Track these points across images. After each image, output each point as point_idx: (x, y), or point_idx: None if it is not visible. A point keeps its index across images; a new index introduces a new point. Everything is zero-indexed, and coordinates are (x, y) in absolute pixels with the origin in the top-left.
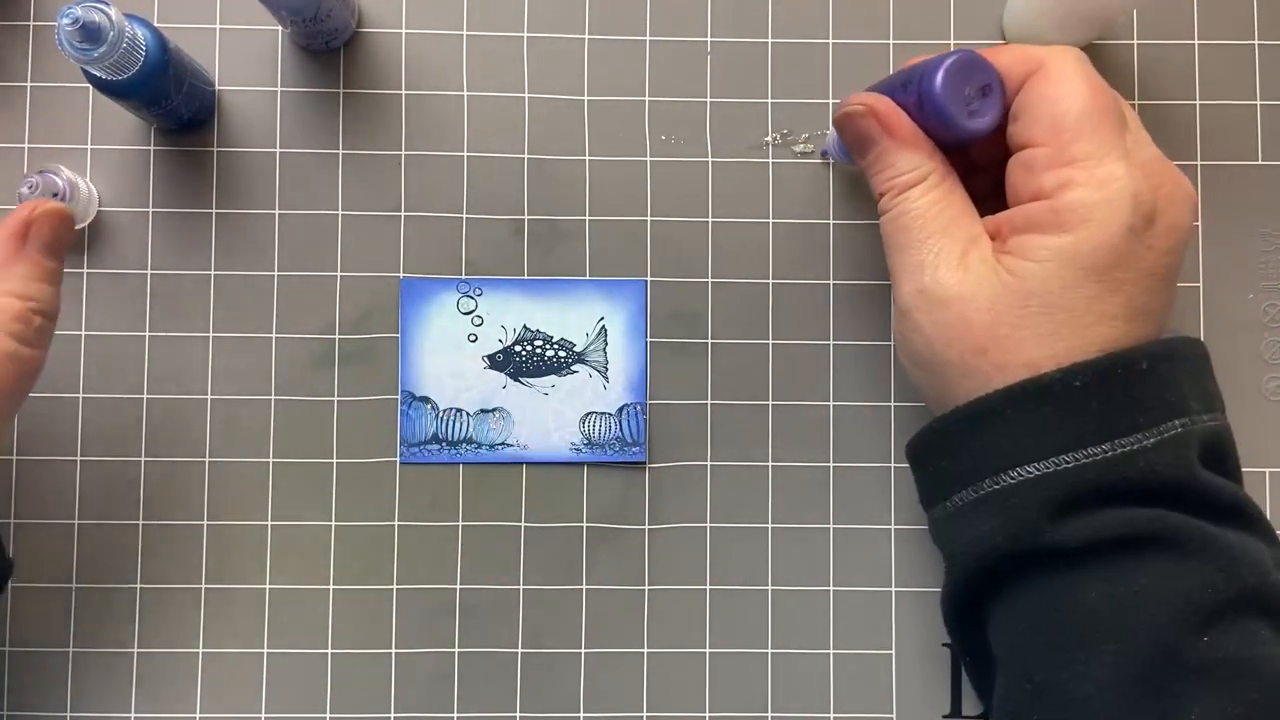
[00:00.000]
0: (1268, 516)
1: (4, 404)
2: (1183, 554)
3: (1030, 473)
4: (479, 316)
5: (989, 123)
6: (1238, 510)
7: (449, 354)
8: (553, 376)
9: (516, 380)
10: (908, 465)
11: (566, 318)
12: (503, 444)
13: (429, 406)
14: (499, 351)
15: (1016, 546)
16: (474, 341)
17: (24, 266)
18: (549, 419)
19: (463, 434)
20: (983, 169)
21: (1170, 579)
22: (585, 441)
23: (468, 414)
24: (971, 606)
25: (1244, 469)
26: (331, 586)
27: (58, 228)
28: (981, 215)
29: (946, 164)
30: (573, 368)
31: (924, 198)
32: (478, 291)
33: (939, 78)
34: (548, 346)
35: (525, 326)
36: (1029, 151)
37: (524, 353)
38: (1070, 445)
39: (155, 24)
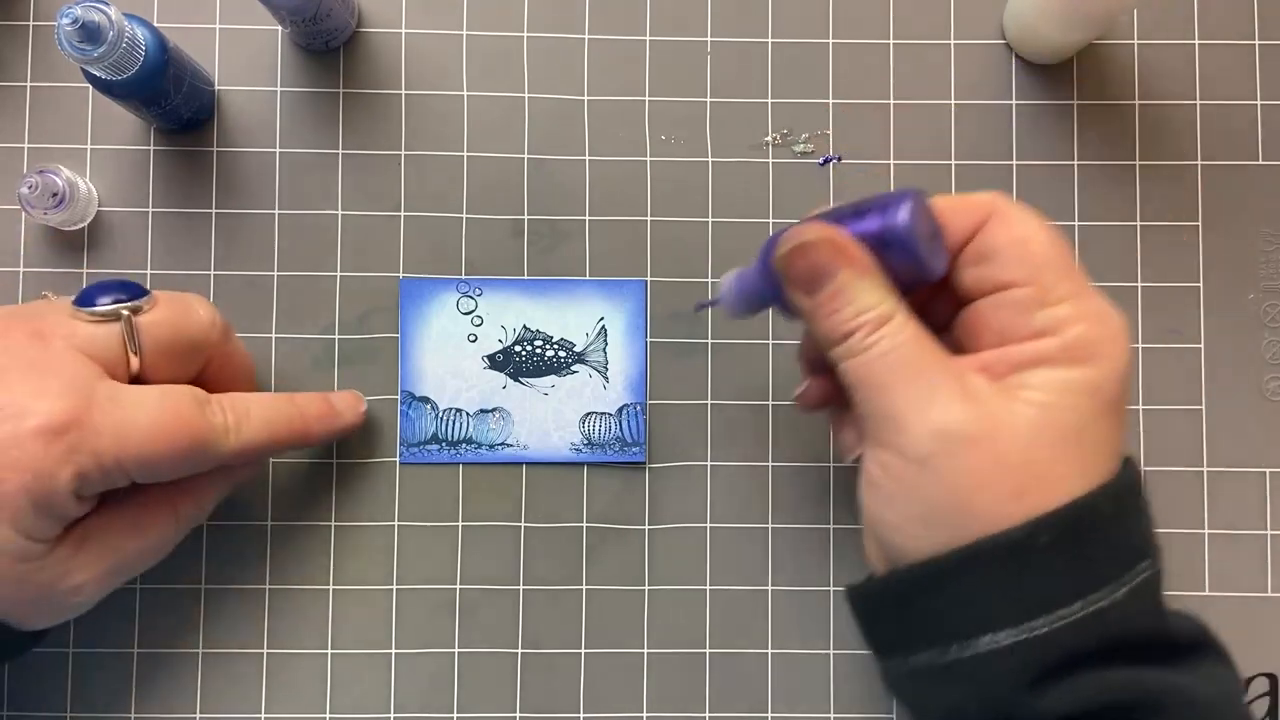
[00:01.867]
0: (1266, 517)
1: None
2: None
3: (1001, 641)
4: (479, 316)
5: (944, 266)
6: (1204, 644)
7: (449, 354)
8: (552, 376)
9: (516, 380)
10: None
11: (566, 318)
12: (503, 444)
13: (429, 406)
14: (499, 351)
15: (995, 717)
16: (474, 341)
17: (220, 489)
18: (549, 419)
19: (462, 434)
20: (921, 308)
21: None
22: (585, 441)
23: (467, 414)
24: None
25: (1244, 469)
26: (331, 586)
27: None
28: None
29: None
30: (573, 368)
31: (903, 332)
32: (478, 291)
33: (906, 214)
34: (548, 346)
35: (525, 326)
36: (1011, 292)
37: (524, 353)
38: (1040, 608)
39: (155, 24)
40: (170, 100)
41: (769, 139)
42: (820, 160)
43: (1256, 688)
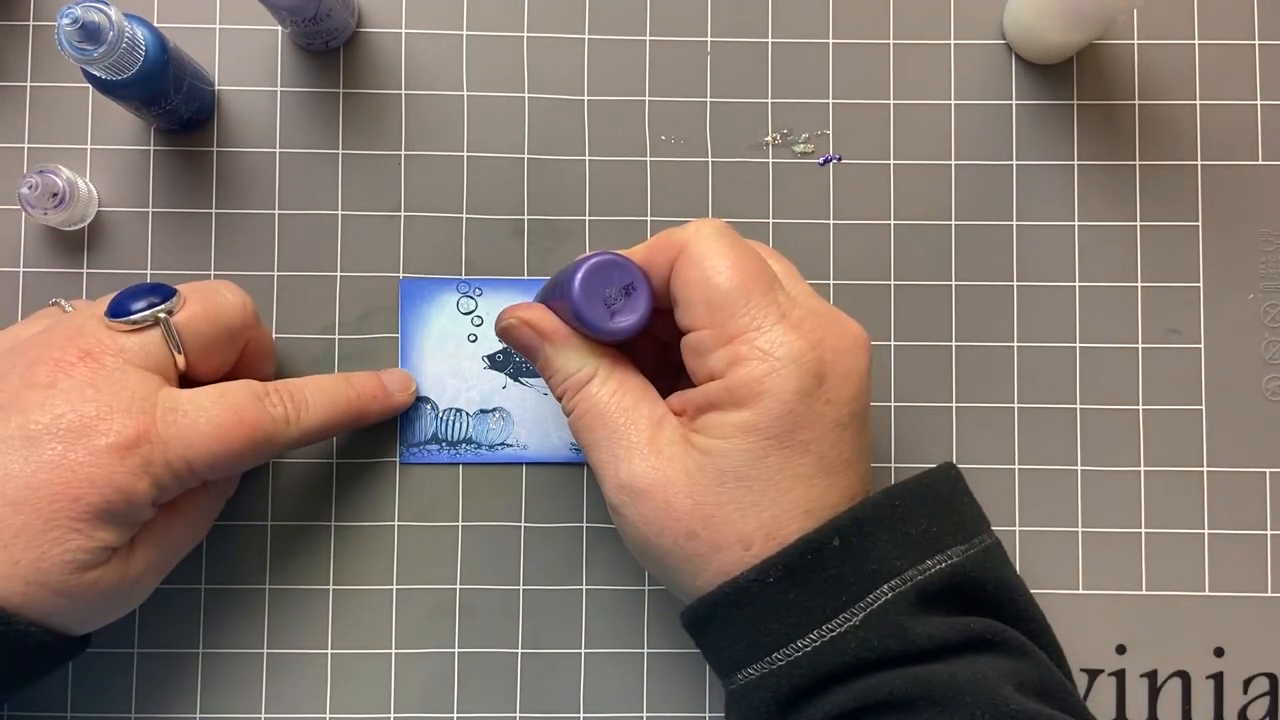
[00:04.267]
0: (1266, 517)
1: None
2: (915, 713)
3: (750, 675)
4: (479, 316)
5: (633, 323)
6: (969, 642)
7: (449, 354)
8: None
9: (516, 380)
10: (903, 467)
11: None
12: (502, 444)
13: (429, 406)
14: (499, 351)
15: None
16: (474, 341)
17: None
18: (549, 419)
19: (462, 434)
20: (671, 342)
21: None
22: None
23: (467, 414)
24: None
25: (1244, 469)
26: (331, 586)
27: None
28: (685, 382)
29: (615, 354)
30: None
31: (600, 390)
32: (478, 291)
33: (575, 286)
34: None
35: None
36: (694, 335)
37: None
38: (779, 642)
39: (155, 24)
40: (170, 100)
41: (769, 139)
42: (820, 160)
43: (1257, 688)
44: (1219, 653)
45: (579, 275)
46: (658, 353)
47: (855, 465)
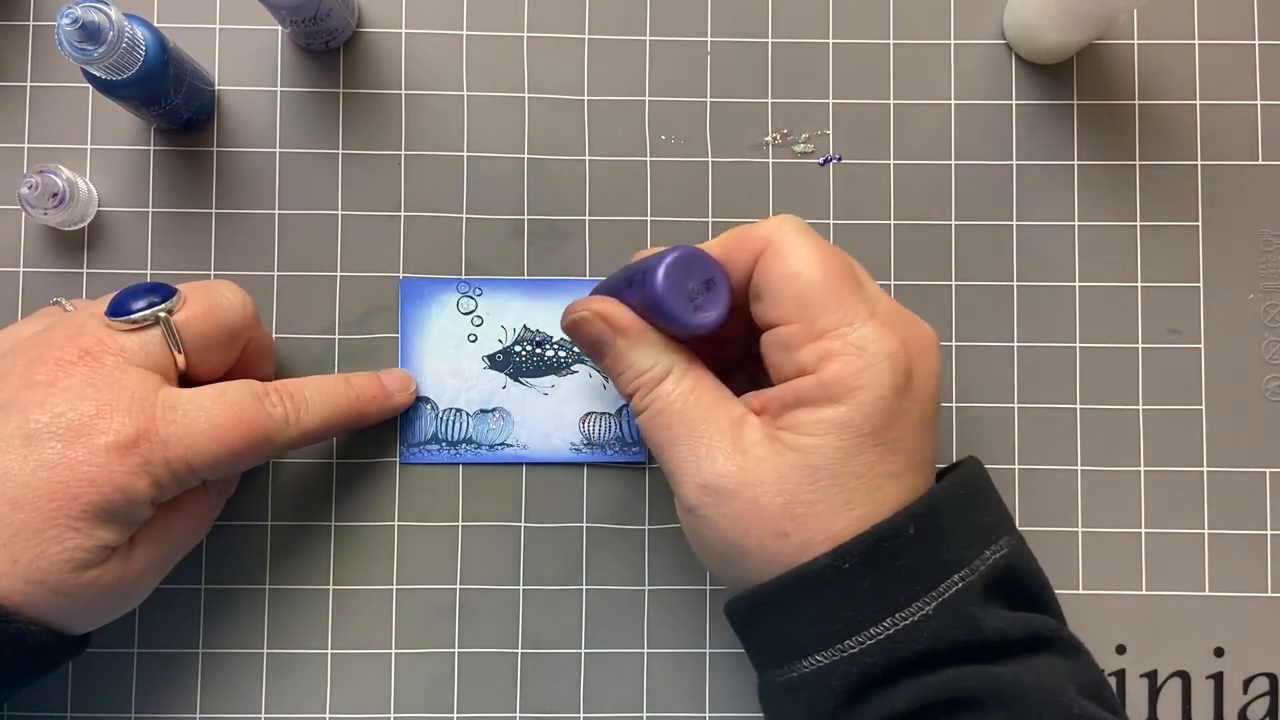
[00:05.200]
0: (1266, 517)
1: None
2: (983, 713)
3: (819, 661)
4: (479, 316)
5: (716, 317)
6: (1032, 640)
7: (449, 354)
8: (552, 376)
9: (516, 380)
10: None
11: None
12: (502, 444)
13: (429, 406)
14: (499, 351)
15: None
16: (474, 341)
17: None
18: (549, 419)
19: (462, 434)
20: (730, 341)
21: None
22: (585, 441)
23: (467, 414)
24: None
25: (1244, 469)
26: (331, 586)
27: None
28: (737, 382)
29: (688, 351)
30: (572, 368)
31: (676, 389)
32: (478, 291)
33: (659, 278)
34: (548, 346)
35: (525, 326)
36: (781, 330)
37: (524, 353)
38: (852, 629)
39: (155, 24)
40: (170, 100)
41: (769, 139)
42: (820, 160)
43: (1257, 688)
44: (1219, 653)
45: (663, 266)
46: (712, 351)
47: (931, 464)
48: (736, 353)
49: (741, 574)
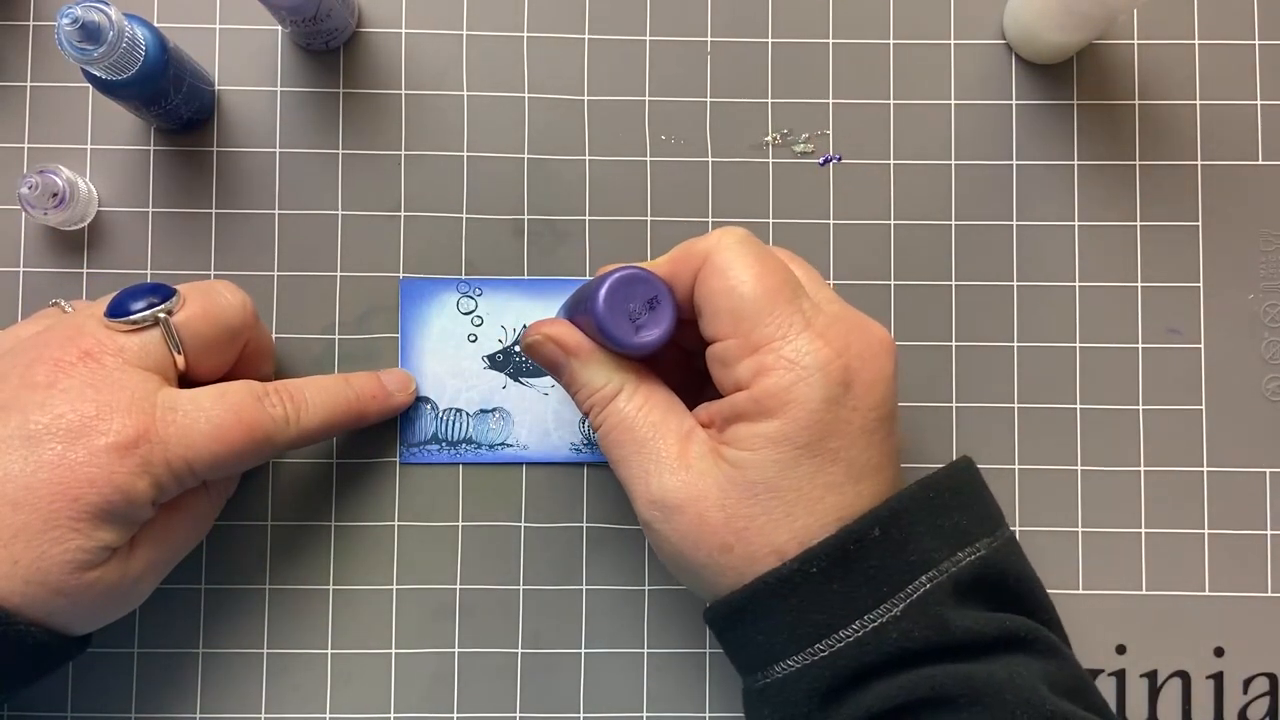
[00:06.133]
0: (1266, 517)
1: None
2: (955, 711)
3: (790, 666)
4: (479, 316)
5: (659, 336)
6: (1005, 640)
7: (449, 354)
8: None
9: (516, 380)
10: (903, 467)
11: None
12: (502, 444)
13: (429, 406)
14: (499, 352)
15: None
16: (474, 341)
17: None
18: (549, 419)
19: (462, 434)
20: (698, 351)
21: None
22: (585, 441)
23: (467, 414)
24: None
25: (1244, 469)
26: (331, 586)
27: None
28: (710, 392)
29: (640, 368)
30: None
31: (627, 405)
32: (478, 291)
33: (600, 302)
34: None
35: (525, 326)
36: (719, 345)
37: (524, 353)
38: (821, 632)
39: (155, 24)
40: (170, 100)
41: (769, 139)
42: (820, 160)
43: (1257, 688)
44: (1219, 653)
45: (603, 291)
46: (684, 362)
47: (884, 469)
48: (683, 367)
49: (699, 583)
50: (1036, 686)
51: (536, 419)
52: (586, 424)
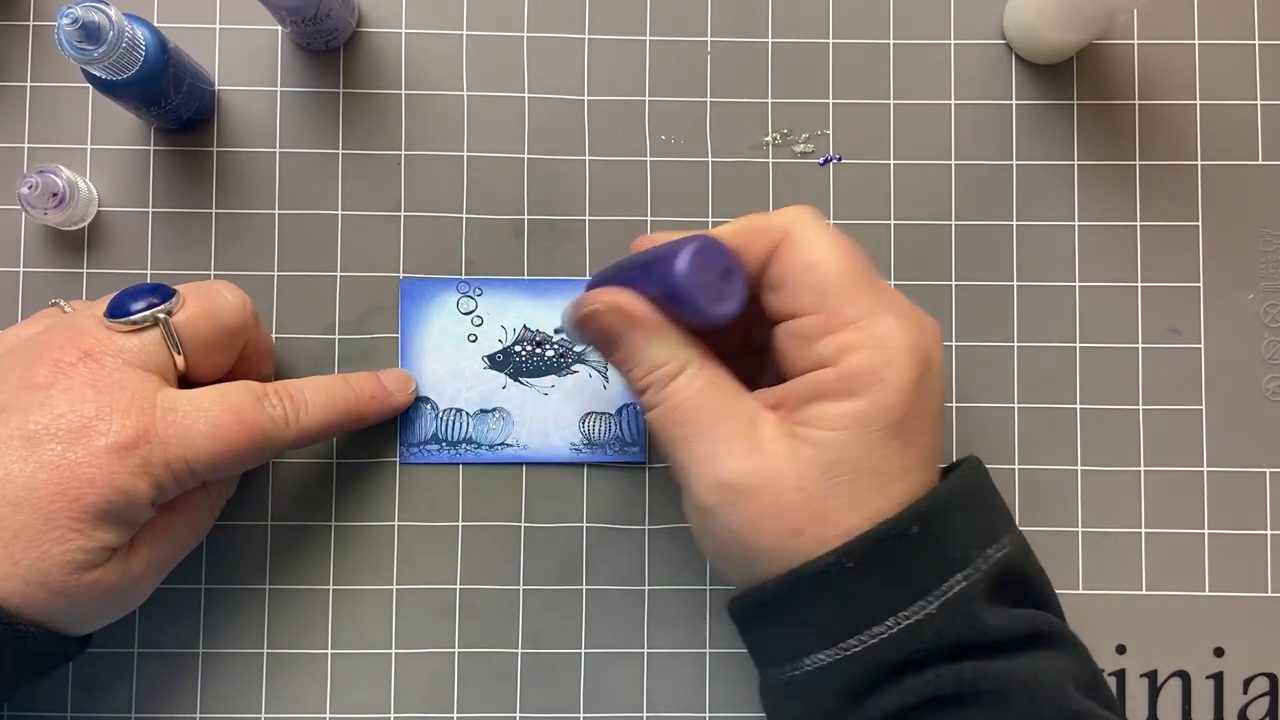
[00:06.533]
0: (1266, 517)
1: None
2: (982, 707)
3: (821, 660)
4: (479, 316)
5: (735, 307)
6: (1033, 636)
7: (449, 354)
8: (552, 376)
9: (516, 380)
10: None
11: None
12: (502, 444)
13: (429, 406)
14: (499, 351)
15: None
16: (474, 341)
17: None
18: (549, 419)
19: (462, 434)
20: (733, 332)
21: None
22: (585, 441)
23: (467, 414)
24: None
25: (1244, 469)
26: (332, 586)
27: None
28: (749, 376)
29: (703, 345)
30: (573, 368)
31: (691, 386)
32: (478, 291)
33: (684, 266)
34: (548, 346)
35: (525, 326)
36: (799, 321)
37: (524, 353)
38: (855, 627)
39: (155, 24)
40: (170, 100)
41: (769, 139)
42: (820, 160)
43: (1257, 688)
44: (1219, 653)
45: (687, 255)
46: (728, 340)
47: (937, 459)
48: (735, 344)
49: (749, 573)
50: (1063, 684)
51: (536, 419)
52: (585, 424)
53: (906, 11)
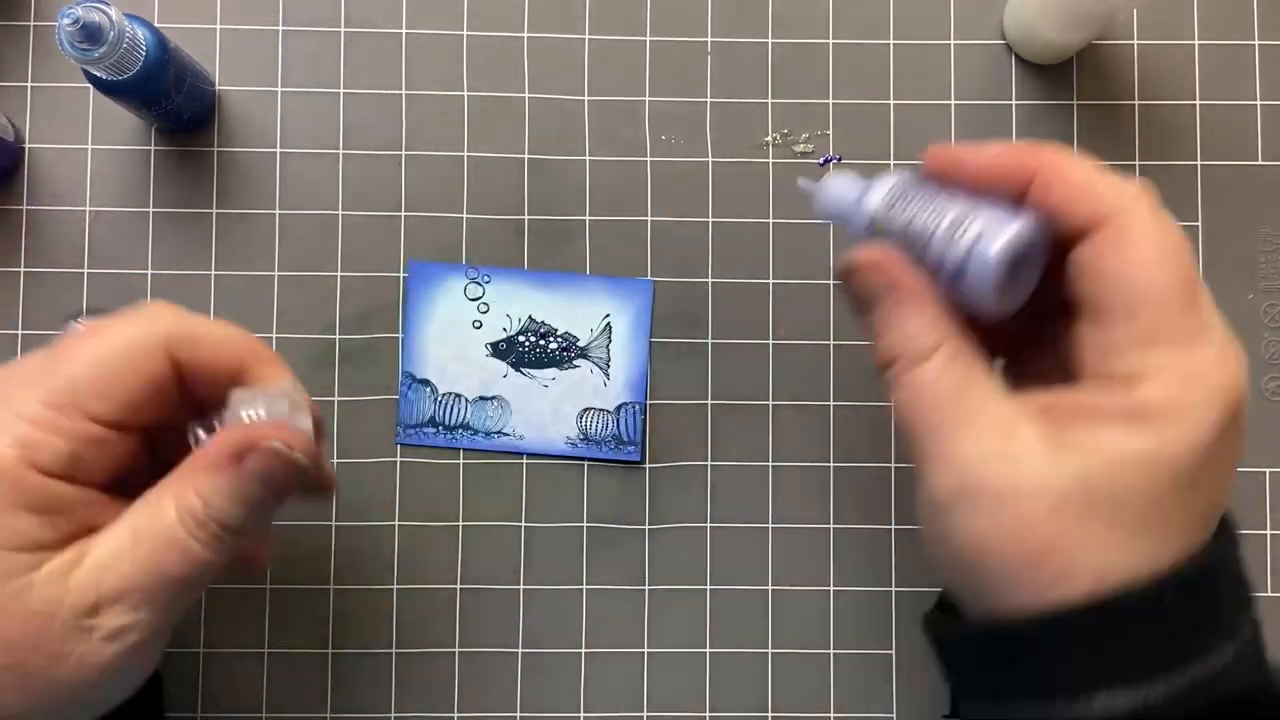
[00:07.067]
0: (1266, 517)
1: (168, 598)
2: None
3: (1119, 703)
4: (485, 304)
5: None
6: None
7: (453, 339)
8: (554, 369)
9: (518, 370)
10: (903, 467)
11: (573, 312)
12: (499, 432)
13: (428, 390)
14: (502, 340)
15: None
16: (478, 328)
17: (225, 480)
18: (547, 411)
19: (460, 419)
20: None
21: None
22: (581, 436)
23: (466, 399)
24: None
25: (1244, 469)
26: (332, 587)
27: (279, 469)
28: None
29: (961, 329)
30: (574, 362)
31: (945, 371)
32: (486, 279)
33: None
34: (551, 339)
35: (530, 317)
36: (1103, 322)
37: (527, 343)
38: (1159, 668)
39: (155, 24)
40: (170, 100)
41: (769, 139)
42: (820, 160)
43: None
44: None
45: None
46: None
47: (1219, 513)
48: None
49: (979, 586)
50: None
51: (535, 410)
52: (583, 419)
53: (906, 11)
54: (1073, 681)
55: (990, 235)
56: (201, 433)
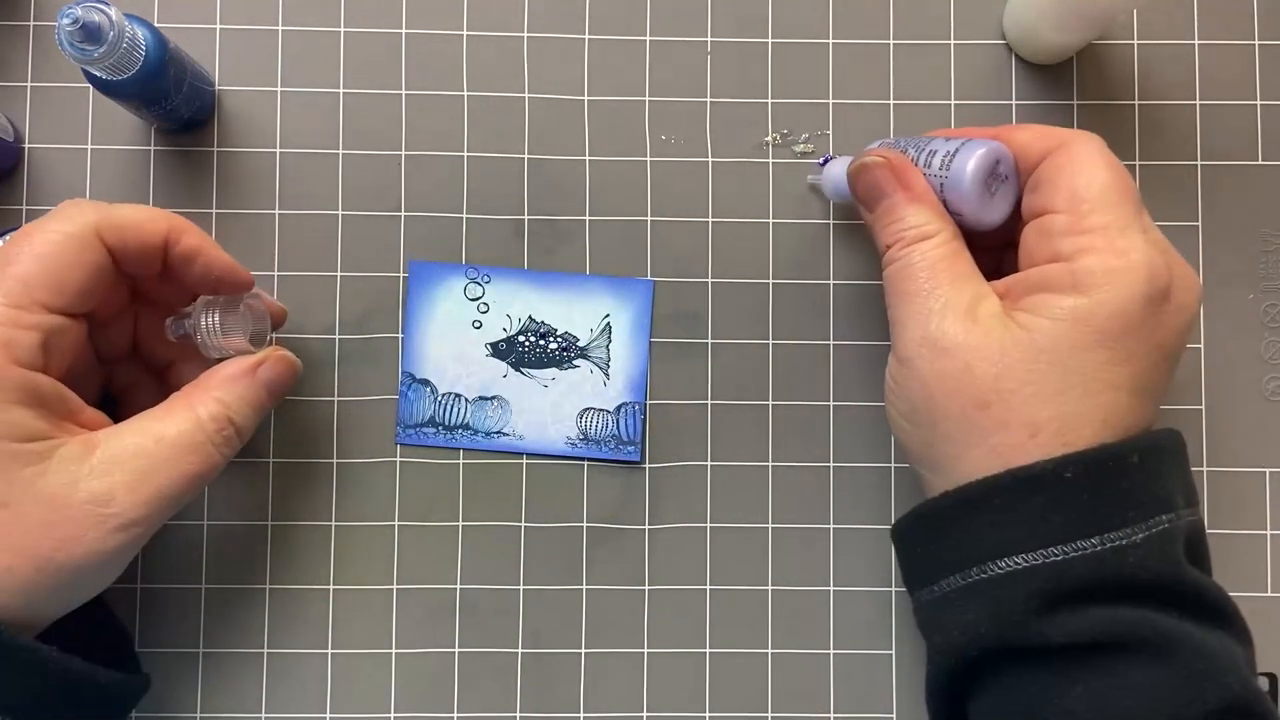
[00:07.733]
0: (1266, 517)
1: (179, 497)
2: (1170, 662)
3: (1019, 563)
4: (485, 304)
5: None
6: (1220, 609)
7: (452, 338)
8: (554, 369)
9: (517, 370)
10: (903, 467)
11: (572, 312)
12: (499, 432)
13: (428, 390)
14: (502, 340)
15: (1002, 638)
16: (478, 328)
17: (243, 387)
18: (547, 411)
19: (460, 419)
20: (984, 249)
21: (1159, 689)
22: (581, 436)
23: (466, 399)
24: (955, 695)
25: (1244, 469)
26: (331, 586)
27: (284, 374)
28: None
29: (956, 228)
30: (574, 362)
31: (933, 251)
32: (486, 279)
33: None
34: (552, 339)
35: (530, 317)
36: (1047, 218)
37: (527, 343)
38: (1060, 537)
39: (155, 24)
40: (170, 100)
41: (769, 139)
42: (820, 160)
43: None
44: None
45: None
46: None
47: (1157, 398)
48: (985, 268)
49: (933, 441)
50: (1242, 668)
51: (535, 410)
52: (583, 419)
53: (906, 11)
54: (972, 550)
55: (967, 151)
56: (176, 328)
